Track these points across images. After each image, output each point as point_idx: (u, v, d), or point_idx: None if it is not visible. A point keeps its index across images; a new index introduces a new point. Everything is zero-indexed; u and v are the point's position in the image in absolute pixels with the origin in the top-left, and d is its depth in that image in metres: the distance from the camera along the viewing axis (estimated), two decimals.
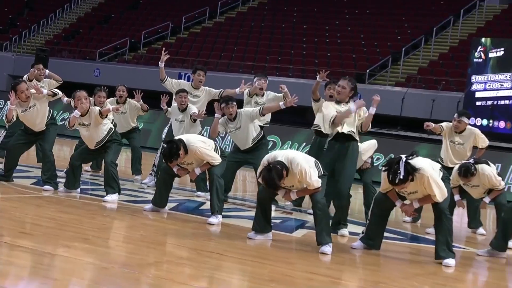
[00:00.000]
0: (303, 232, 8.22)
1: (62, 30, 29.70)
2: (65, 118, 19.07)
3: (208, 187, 8.79)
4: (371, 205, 7.57)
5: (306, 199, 9.33)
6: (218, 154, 8.41)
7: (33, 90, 9.23)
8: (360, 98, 8.29)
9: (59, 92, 9.61)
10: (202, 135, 9.75)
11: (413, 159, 6.97)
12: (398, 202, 7.27)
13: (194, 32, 27.43)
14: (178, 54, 25.18)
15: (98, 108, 9.12)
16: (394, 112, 18.71)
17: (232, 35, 26.21)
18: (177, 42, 26.73)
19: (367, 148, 9.41)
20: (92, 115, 8.92)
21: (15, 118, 9.25)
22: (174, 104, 10.42)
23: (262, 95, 10.34)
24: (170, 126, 10.58)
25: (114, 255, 6.27)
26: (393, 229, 8.89)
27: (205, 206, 9.19)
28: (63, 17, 30.48)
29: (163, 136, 10.78)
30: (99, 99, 10.69)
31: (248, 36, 25.92)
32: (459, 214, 10.57)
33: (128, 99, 11.18)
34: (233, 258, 6.59)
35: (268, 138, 10.71)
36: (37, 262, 5.65)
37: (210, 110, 10.02)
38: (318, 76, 9.60)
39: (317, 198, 7.17)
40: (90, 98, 9.45)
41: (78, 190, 9.23)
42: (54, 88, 10.58)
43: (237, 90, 10.51)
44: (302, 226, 8.55)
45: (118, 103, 10.91)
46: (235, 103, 9.29)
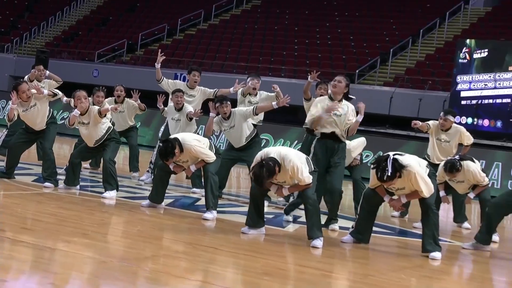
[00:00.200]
0: (295, 227, 8.23)
1: (62, 32, 29.65)
2: (64, 117, 19.04)
3: (203, 184, 8.79)
4: (361, 200, 7.58)
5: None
6: (213, 152, 8.41)
7: (34, 91, 9.22)
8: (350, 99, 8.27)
9: (59, 92, 9.60)
10: (198, 134, 9.75)
11: (400, 156, 6.98)
12: (386, 198, 7.28)
13: (189, 34, 27.40)
14: (174, 55, 25.17)
15: (97, 107, 9.11)
16: (382, 111, 18.75)
17: (226, 37, 26.20)
18: (173, 44, 26.71)
19: (356, 145, 9.41)
20: (91, 114, 8.92)
21: (16, 117, 9.24)
22: (171, 103, 10.42)
23: (255, 95, 10.34)
24: (167, 125, 10.58)
25: (112, 250, 6.27)
26: (381, 223, 8.91)
27: (200, 202, 9.20)
28: (63, 19, 30.43)
29: (160, 134, 10.78)
30: (98, 99, 10.68)
31: (241, 37, 25.92)
32: (445, 209, 10.59)
33: (126, 99, 11.18)
34: (227, 252, 6.59)
35: (261, 136, 10.70)
36: (38, 256, 5.64)
37: (205, 109, 10.02)
38: (309, 76, 9.60)
39: (308, 194, 7.18)
40: (89, 98, 9.45)
41: (78, 187, 9.22)
42: (54, 88, 10.57)
43: (231, 89, 10.51)
44: (294, 221, 8.56)
45: (116, 103, 10.91)
46: (229, 103, 9.28)
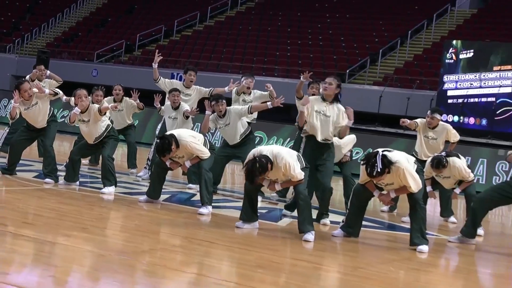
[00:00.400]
0: (288, 221, 8.23)
1: (62, 33, 29.59)
2: (65, 115, 19.00)
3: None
4: (351, 196, 7.59)
5: (290, 190, 9.36)
6: (207, 148, 8.41)
7: (35, 90, 9.20)
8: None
9: (60, 91, 9.58)
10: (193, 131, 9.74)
11: (389, 153, 6.99)
12: (376, 193, 7.29)
13: (185, 35, 27.38)
14: (170, 56, 25.15)
15: (97, 105, 9.10)
16: (372, 109, 18.77)
17: (221, 38, 26.19)
18: (169, 44, 26.69)
19: (347, 142, 9.41)
20: (91, 112, 8.91)
21: (18, 115, 9.22)
22: (167, 102, 10.41)
23: (249, 94, 10.34)
24: (163, 123, 10.57)
25: (111, 243, 6.27)
26: (371, 218, 8.92)
27: (196, 198, 9.18)
28: (63, 21, 30.37)
29: (157, 132, 10.76)
30: (97, 98, 10.66)
31: (236, 38, 25.91)
32: (432, 204, 10.61)
33: (124, 98, 11.17)
34: (222, 246, 6.59)
35: (255, 134, 10.70)
36: (39, 250, 5.64)
37: (201, 107, 10.01)
38: (302, 76, 9.58)
39: (299, 190, 7.19)
40: (88, 97, 9.43)
41: (77, 183, 9.20)
42: (55, 88, 10.54)
43: (226, 88, 10.50)
44: (286, 215, 8.55)
45: (115, 102, 10.92)
46: (225, 101, 9.28)
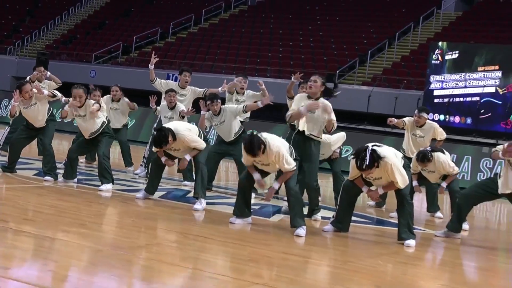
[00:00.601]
0: (280, 217, 8.24)
1: (61, 35, 29.52)
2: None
3: (194, 177, 8.78)
4: (340, 192, 7.59)
5: (282, 188, 9.38)
6: (202, 139, 8.44)
7: (35, 90, 9.18)
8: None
9: (58, 93, 9.54)
10: None
11: (379, 148, 6.99)
12: (364, 188, 7.30)
13: (180, 37, 27.36)
14: (166, 57, 25.12)
15: (93, 101, 9.11)
16: (361, 108, 18.80)
17: (215, 40, 26.17)
18: (165, 46, 26.66)
19: (337, 139, 9.42)
20: (87, 108, 8.92)
21: (18, 114, 9.22)
22: (164, 102, 10.41)
23: (243, 94, 10.33)
24: (159, 122, 10.55)
25: (108, 239, 6.25)
26: (360, 213, 8.93)
27: (191, 194, 9.17)
28: (62, 23, 30.30)
29: (153, 131, 10.75)
30: (94, 98, 10.64)
31: (230, 40, 25.90)
32: (419, 200, 10.64)
33: (121, 97, 11.18)
34: (216, 241, 6.58)
35: (248, 133, 10.68)
36: (38, 245, 5.62)
37: (196, 107, 9.99)
38: (293, 77, 9.59)
39: (290, 186, 7.20)
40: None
41: (75, 180, 9.19)
42: (54, 89, 10.52)
43: (219, 89, 10.49)
44: (278, 211, 8.57)
45: (113, 101, 10.99)
46: (219, 101, 9.28)
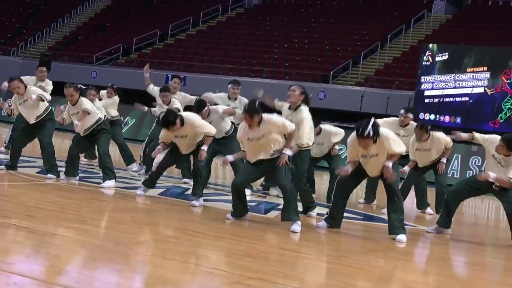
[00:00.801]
0: (275, 213, 8.22)
1: (63, 37, 29.48)
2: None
3: (192, 175, 8.75)
4: (334, 188, 7.58)
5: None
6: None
7: (22, 90, 9.18)
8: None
9: (47, 98, 9.35)
10: None
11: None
12: (362, 158, 7.09)
13: (179, 38, 27.33)
14: (165, 58, 25.11)
15: (86, 99, 9.01)
16: (354, 108, 18.80)
17: (213, 41, 26.15)
18: (164, 48, 26.64)
19: (336, 132, 9.49)
20: (80, 106, 8.88)
21: (15, 111, 9.29)
22: (159, 101, 10.46)
23: (235, 99, 10.18)
24: (157, 122, 10.52)
25: (108, 235, 6.24)
26: (352, 209, 8.93)
27: (189, 192, 9.16)
28: (64, 25, 30.25)
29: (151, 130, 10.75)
30: (90, 97, 10.62)
31: (227, 42, 25.89)
32: (410, 197, 10.64)
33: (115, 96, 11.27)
34: (213, 237, 6.58)
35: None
36: (40, 241, 5.61)
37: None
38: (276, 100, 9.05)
39: (283, 184, 7.15)
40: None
41: (77, 177, 9.17)
42: (51, 89, 10.42)
43: (219, 110, 10.15)
44: (274, 208, 8.56)
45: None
46: (208, 106, 9.12)
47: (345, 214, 7.63)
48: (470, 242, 7.93)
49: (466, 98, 17.39)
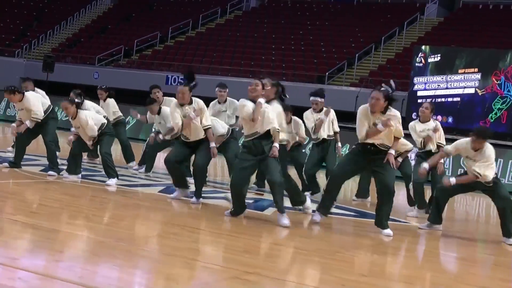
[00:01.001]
0: (273, 210, 8.21)
1: (66, 39, 29.44)
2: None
3: (192, 173, 8.73)
4: (327, 181, 7.54)
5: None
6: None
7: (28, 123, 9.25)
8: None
9: (39, 116, 9.34)
10: None
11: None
12: (379, 125, 7.03)
13: (179, 40, 27.31)
14: (165, 60, 25.10)
15: (83, 114, 8.90)
16: (349, 108, 18.76)
17: (211, 43, 26.14)
18: (164, 49, 26.62)
19: (333, 117, 9.88)
20: (80, 121, 8.85)
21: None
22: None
23: (224, 101, 10.00)
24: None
25: (110, 231, 6.24)
26: (346, 206, 8.94)
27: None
28: (67, 28, 30.22)
29: (153, 129, 10.69)
30: (101, 95, 10.67)
31: (225, 44, 25.87)
32: (399, 194, 10.63)
33: (107, 98, 11.22)
34: (212, 233, 6.58)
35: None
36: (44, 237, 5.61)
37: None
38: None
39: (273, 179, 7.10)
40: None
41: (80, 176, 9.16)
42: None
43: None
44: (271, 205, 8.55)
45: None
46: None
47: (339, 211, 7.65)
48: (461, 238, 7.95)
49: (458, 99, 17.39)
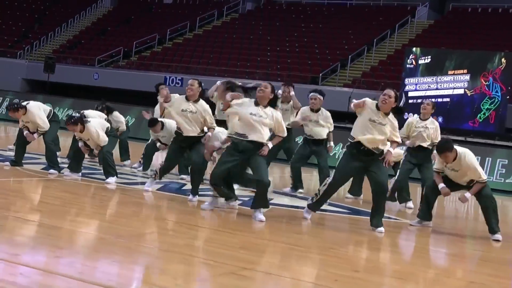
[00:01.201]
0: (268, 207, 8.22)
1: (67, 41, 29.38)
2: (69, 114, 18.86)
3: (189, 171, 8.73)
4: (327, 186, 7.43)
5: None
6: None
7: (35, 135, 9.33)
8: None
9: (44, 128, 9.39)
10: None
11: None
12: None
13: (177, 42, 27.28)
14: (163, 61, 25.06)
15: (91, 127, 8.86)
16: (342, 108, 18.77)
17: (208, 45, 26.13)
18: (163, 51, 26.59)
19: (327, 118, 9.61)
20: (90, 134, 8.84)
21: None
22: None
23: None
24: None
25: (110, 228, 6.23)
26: (339, 204, 8.95)
27: (186, 187, 9.17)
28: (68, 30, 30.15)
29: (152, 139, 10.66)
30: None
31: (222, 45, 25.86)
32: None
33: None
34: (209, 230, 6.58)
35: None
36: (45, 233, 5.60)
37: None
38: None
39: (260, 179, 7.12)
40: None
41: (80, 174, 9.15)
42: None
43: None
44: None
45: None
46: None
47: (333, 208, 7.66)
48: (451, 235, 7.96)
49: (448, 99, 17.42)
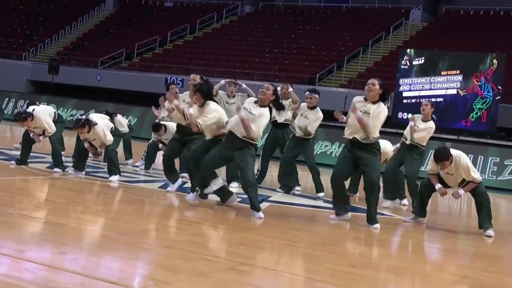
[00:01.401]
0: (266, 204, 8.22)
1: (71, 43, 29.37)
2: (73, 114, 18.87)
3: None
4: (331, 185, 7.38)
5: (266, 178, 9.34)
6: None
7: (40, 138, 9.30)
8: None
9: (50, 131, 9.34)
10: None
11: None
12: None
13: (177, 44, 27.28)
14: (164, 62, 25.06)
15: (98, 129, 8.87)
16: (338, 108, 18.50)
17: (208, 47, 26.12)
18: (163, 53, 26.58)
19: (316, 118, 9.45)
20: (96, 134, 8.84)
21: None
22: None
23: (233, 97, 10.16)
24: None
25: (113, 225, 6.23)
26: None
27: (186, 185, 9.15)
28: (71, 32, 30.14)
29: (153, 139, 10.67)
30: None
31: (221, 47, 25.86)
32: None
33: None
34: (209, 226, 6.58)
35: None
36: (50, 230, 5.60)
37: None
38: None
39: (247, 177, 7.11)
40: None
41: (84, 172, 9.14)
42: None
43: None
44: (265, 200, 8.56)
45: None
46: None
47: (330, 205, 7.65)
48: (444, 230, 7.96)
49: (441, 99, 17.42)
